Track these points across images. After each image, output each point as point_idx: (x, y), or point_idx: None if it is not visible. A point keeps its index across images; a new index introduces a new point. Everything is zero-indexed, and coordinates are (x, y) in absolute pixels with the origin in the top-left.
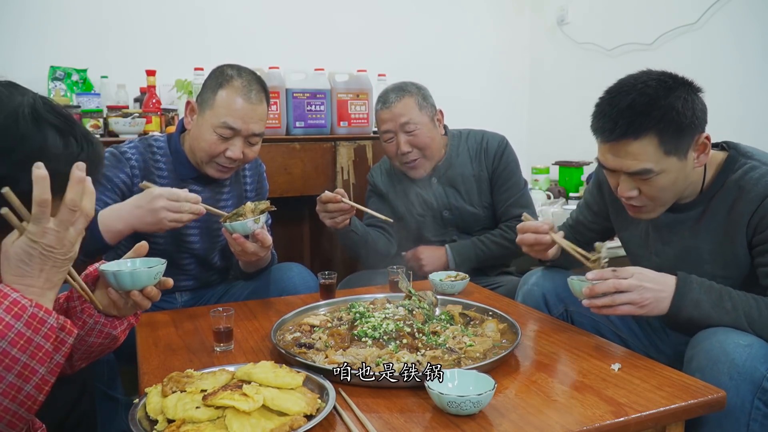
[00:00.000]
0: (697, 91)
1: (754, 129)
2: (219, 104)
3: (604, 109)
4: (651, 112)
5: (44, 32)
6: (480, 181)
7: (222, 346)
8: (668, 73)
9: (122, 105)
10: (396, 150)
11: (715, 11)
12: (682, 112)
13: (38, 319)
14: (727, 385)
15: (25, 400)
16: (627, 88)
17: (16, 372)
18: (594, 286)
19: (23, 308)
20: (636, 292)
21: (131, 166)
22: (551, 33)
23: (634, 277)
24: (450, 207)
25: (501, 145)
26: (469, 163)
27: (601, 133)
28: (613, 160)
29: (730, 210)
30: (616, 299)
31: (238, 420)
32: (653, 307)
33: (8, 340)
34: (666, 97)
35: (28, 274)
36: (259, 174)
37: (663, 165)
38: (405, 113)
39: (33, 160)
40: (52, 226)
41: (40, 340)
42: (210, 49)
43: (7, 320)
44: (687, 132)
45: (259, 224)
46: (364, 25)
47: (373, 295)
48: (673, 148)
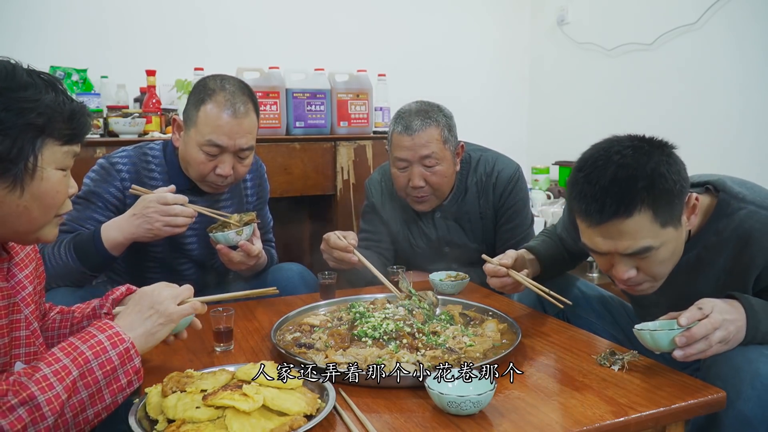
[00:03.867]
0: (672, 150)
1: (754, 129)
2: (202, 121)
3: (584, 189)
4: (638, 183)
5: (44, 32)
6: (485, 219)
7: (222, 346)
8: (638, 136)
9: (122, 105)
10: (407, 182)
11: (715, 11)
12: (668, 177)
13: (128, 355)
14: (749, 394)
15: (81, 422)
16: (602, 161)
17: (90, 392)
18: (692, 331)
19: (122, 341)
20: (722, 328)
21: (122, 178)
22: (551, 33)
23: (715, 311)
24: (451, 243)
25: (512, 180)
26: (476, 200)
27: (586, 217)
28: (605, 243)
29: (734, 258)
30: (711, 340)
31: (238, 420)
32: (736, 340)
33: (99, 362)
34: (647, 163)
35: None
36: (260, 176)
37: (662, 238)
38: (428, 145)
39: (30, 105)
40: None
41: (121, 373)
42: (210, 49)
43: (106, 345)
44: (678, 198)
45: (242, 236)
46: (364, 25)
47: (373, 295)
48: (668, 219)
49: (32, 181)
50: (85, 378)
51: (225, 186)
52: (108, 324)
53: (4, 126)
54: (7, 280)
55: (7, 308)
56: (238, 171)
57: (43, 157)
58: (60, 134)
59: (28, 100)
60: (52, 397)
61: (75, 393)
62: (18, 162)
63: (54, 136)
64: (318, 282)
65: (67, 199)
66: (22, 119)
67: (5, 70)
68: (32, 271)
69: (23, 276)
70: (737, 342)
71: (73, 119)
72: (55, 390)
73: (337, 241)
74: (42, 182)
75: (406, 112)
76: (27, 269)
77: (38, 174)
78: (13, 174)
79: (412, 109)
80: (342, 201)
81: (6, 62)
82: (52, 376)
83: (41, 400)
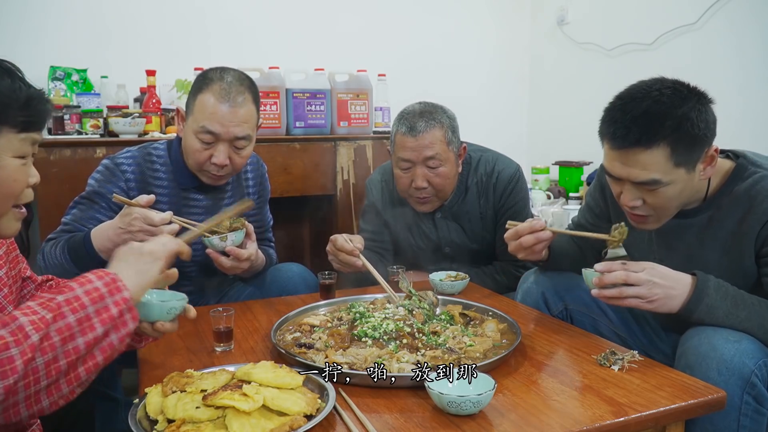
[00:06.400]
0: (709, 102)
1: (754, 129)
2: (198, 109)
3: (616, 116)
4: (666, 122)
5: (44, 32)
6: (485, 219)
7: (222, 346)
8: (682, 82)
9: (122, 105)
10: (410, 183)
11: (715, 11)
12: (696, 124)
13: (115, 286)
14: (716, 380)
15: (71, 352)
16: (641, 95)
17: (78, 317)
18: (603, 277)
19: (107, 273)
20: (645, 287)
21: (126, 179)
22: (551, 33)
23: (646, 272)
24: (451, 244)
25: (512, 181)
26: (476, 200)
27: (611, 139)
28: (621, 168)
29: (739, 221)
30: (623, 291)
31: (238, 420)
32: (662, 304)
33: (84, 289)
34: (680, 106)
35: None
36: (261, 175)
37: (671, 176)
38: (431, 146)
39: None
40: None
41: (110, 302)
42: (210, 49)
43: (90, 277)
44: (699, 144)
45: (226, 242)
46: (364, 25)
47: (373, 295)
48: (684, 160)
49: None
50: (71, 304)
51: (223, 176)
52: (100, 271)
53: None
54: None
55: None
56: (235, 162)
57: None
58: (15, 121)
59: None
60: (36, 320)
61: (61, 317)
62: None
63: (9, 123)
64: (318, 282)
65: (27, 188)
66: None
67: None
68: (2, 255)
69: None
70: (666, 306)
71: (29, 106)
72: (40, 314)
73: (344, 243)
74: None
75: (410, 113)
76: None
77: None
78: None
79: (415, 110)
80: (342, 201)
81: None
82: (36, 306)
83: (24, 321)
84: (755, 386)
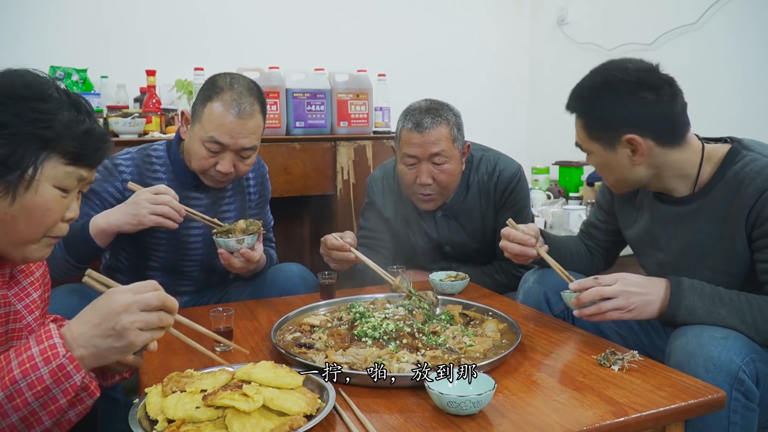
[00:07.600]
0: (661, 98)
1: (754, 129)
2: (207, 118)
3: (581, 82)
4: (588, 98)
5: (44, 32)
6: (486, 218)
7: (222, 347)
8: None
9: (122, 105)
10: (414, 179)
11: (715, 11)
12: (609, 108)
13: (65, 372)
14: (704, 377)
15: None
16: (601, 69)
17: (21, 415)
18: (579, 296)
19: (56, 355)
20: (621, 298)
21: (123, 179)
22: (551, 33)
23: (618, 283)
24: (452, 243)
25: (513, 181)
26: (477, 199)
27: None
28: (576, 135)
29: (728, 204)
30: (602, 307)
31: (238, 420)
32: (640, 311)
33: (28, 381)
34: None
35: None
36: (262, 175)
37: (588, 146)
38: (437, 143)
39: (43, 117)
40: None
41: (57, 393)
42: (210, 49)
43: (37, 361)
44: (614, 128)
45: (242, 245)
46: (364, 25)
47: (373, 295)
48: (597, 135)
49: (26, 192)
50: (14, 400)
51: (225, 182)
52: (49, 332)
53: (9, 131)
54: (8, 288)
55: (5, 316)
56: (239, 169)
57: (43, 171)
58: (65, 151)
59: (43, 111)
60: None
61: (3, 417)
62: (15, 169)
63: (59, 152)
64: (318, 282)
65: (60, 222)
66: (29, 128)
67: (30, 80)
68: (39, 277)
69: (28, 283)
70: (646, 313)
71: (84, 139)
72: None
73: (334, 241)
74: (35, 195)
75: (416, 110)
76: (33, 276)
77: (33, 186)
78: (8, 180)
79: (422, 107)
80: (342, 201)
81: (37, 74)
82: None
83: None
84: (743, 382)
